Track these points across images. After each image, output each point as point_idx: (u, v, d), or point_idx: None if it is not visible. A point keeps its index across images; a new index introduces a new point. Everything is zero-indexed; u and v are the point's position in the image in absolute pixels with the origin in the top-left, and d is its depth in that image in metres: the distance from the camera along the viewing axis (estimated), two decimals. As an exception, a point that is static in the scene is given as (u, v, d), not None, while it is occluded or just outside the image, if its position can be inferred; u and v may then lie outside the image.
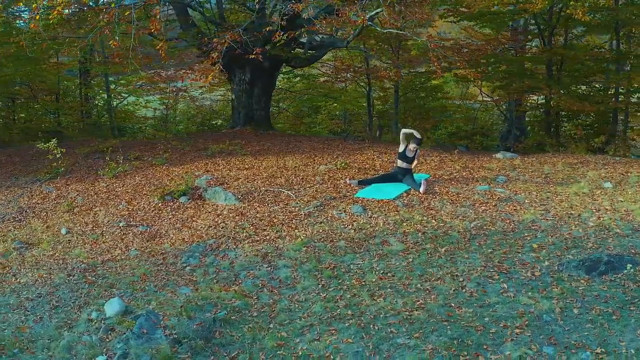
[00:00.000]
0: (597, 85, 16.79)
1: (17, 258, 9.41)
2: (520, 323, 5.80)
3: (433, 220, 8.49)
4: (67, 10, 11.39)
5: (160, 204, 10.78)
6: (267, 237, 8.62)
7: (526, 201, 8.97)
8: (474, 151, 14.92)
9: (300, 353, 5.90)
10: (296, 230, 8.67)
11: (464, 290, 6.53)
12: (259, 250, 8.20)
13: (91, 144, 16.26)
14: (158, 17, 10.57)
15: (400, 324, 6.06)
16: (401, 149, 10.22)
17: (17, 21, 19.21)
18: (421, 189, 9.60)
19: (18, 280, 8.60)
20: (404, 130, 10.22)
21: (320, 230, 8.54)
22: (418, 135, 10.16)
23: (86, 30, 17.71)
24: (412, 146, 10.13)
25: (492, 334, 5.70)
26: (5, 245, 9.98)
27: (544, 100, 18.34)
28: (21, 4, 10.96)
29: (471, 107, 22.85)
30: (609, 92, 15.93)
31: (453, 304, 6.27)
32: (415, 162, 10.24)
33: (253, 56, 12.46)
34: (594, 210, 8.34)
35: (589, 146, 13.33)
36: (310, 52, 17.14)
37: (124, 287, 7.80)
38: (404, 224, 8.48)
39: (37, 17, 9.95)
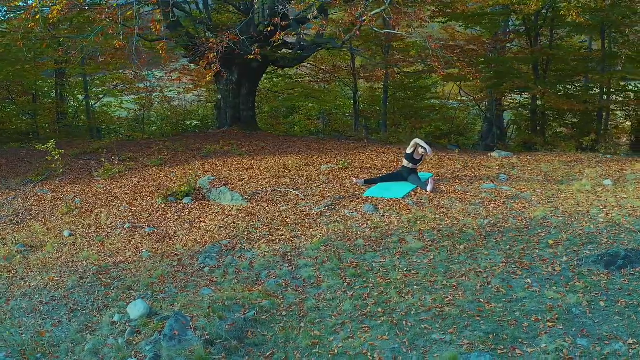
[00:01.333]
0: (578, 85, 17.22)
1: (22, 261, 9.25)
2: (551, 317, 5.96)
3: (446, 218, 8.63)
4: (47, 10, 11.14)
5: (163, 205, 10.70)
6: (283, 236, 8.64)
7: (533, 199, 9.18)
8: (465, 150, 15.15)
9: (336, 351, 5.95)
10: (311, 230, 8.72)
11: (490, 286, 6.67)
12: (277, 250, 8.22)
13: (79, 145, 16.04)
14: (159, 17, 10.45)
15: (433, 320, 6.17)
16: (409, 150, 10.33)
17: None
18: (428, 188, 9.73)
19: (28, 283, 8.46)
20: (417, 141, 10.29)
21: (336, 230, 8.60)
22: (430, 154, 10.30)
23: (66, 30, 17.48)
24: (421, 150, 10.24)
25: (526, 327, 5.84)
26: (6, 248, 9.79)
27: (528, 100, 18.78)
28: (17, 2, 10.73)
29: (450, 106, 23.19)
30: (589, 92, 16.35)
31: (482, 300, 6.40)
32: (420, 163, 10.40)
33: (252, 56, 12.47)
34: (601, 207, 8.59)
35: (578, 144, 13.67)
36: (299, 52, 17.19)
37: (143, 289, 7.74)
38: (418, 222, 8.60)
39: (37, 17, 9.76)
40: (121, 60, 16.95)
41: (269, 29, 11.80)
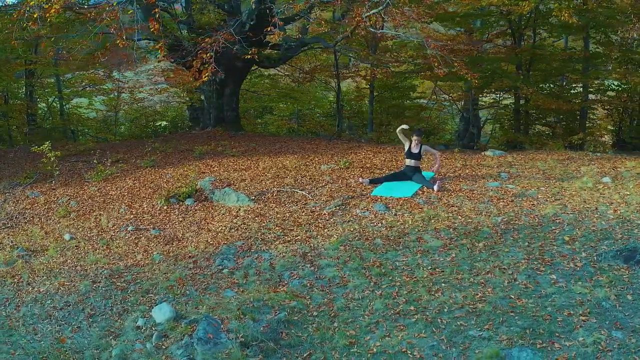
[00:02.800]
0: (558, 84, 17.63)
1: (25, 266, 9.00)
2: (583, 311, 6.10)
3: (459, 217, 8.73)
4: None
5: (165, 207, 10.55)
6: (298, 237, 8.61)
7: (539, 196, 9.37)
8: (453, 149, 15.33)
9: (375, 350, 5.98)
10: (326, 230, 8.72)
11: (517, 282, 6.78)
12: (295, 251, 8.19)
13: (61, 147, 15.61)
14: (157, 16, 10.29)
15: (467, 317, 6.25)
16: (406, 147, 10.46)
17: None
18: (435, 187, 9.83)
19: (37, 289, 8.24)
20: (399, 130, 10.52)
21: (352, 229, 8.62)
22: (405, 126, 10.64)
23: (44, 31, 16.99)
24: (414, 138, 10.39)
25: (560, 322, 5.97)
26: (4, 253, 9.52)
27: (508, 99, 19.15)
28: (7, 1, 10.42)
29: (427, 105, 23.41)
30: (572, 91, 16.79)
31: (512, 296, 6.51)
32: (437, 165, 10.57)
33: (249, 56, 12.40)
34: (608, 204, 8.81)
35: (567, 143, 13.99)
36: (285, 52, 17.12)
37: (163, 292, 7.62)
38: (432, 220, 8.69)
39: (35, 15, 9.50)
40: (101, 60, 16.58)
41: (269, 29, 11.73)
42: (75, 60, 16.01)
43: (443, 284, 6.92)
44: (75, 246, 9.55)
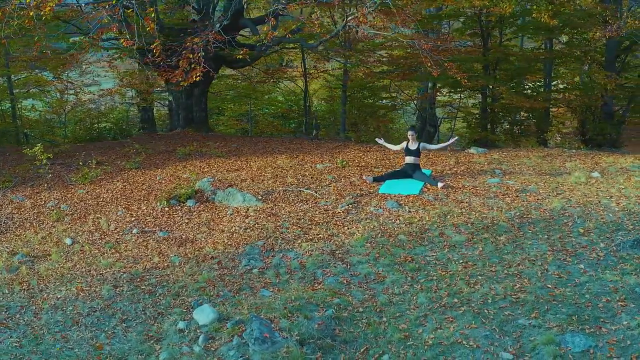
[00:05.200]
0: (520, 84, 18.42)
1: (30, 272, 8.67)
2: (619, 297, 6.47)
3: (473, 212, 9.02)
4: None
5: (167, 209, 10.36)
6: (319, 235, 8.67)
7: (541, 191, 9.80)
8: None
9: (430, 342, 6.14)
10: (346, 228, 8.82)
11: (549, 273, 7.11)
12: (322, 249, 8.25)
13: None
14: (153, 16, 10.10)
15: (513, 307, 6.50)
16: (404, 146, 10.78)
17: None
18: (439, 185, 10.10)
19: (54, 295, 7.96)
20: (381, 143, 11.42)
21: (372, 226, 8.76)
22: (381, 141, 11.41)
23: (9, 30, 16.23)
24: (409, 134, 10.77)
25: (601, 308, 6.31)
26: (3, 258, 9.10)
27: (468, 97, 19.83)
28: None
29: (396, 105, 23.85)
30: (539, 90, 17.58)
31: (549, 285, 6.81)
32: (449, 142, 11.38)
33: (240, 55, 12.32)
34: (609, 197, 9.32)
35: (540, 140, 14.63)
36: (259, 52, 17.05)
37: (195, 294, 7.52)
38: (447, 216, 8.94)
39: (31, 14, 9.14)
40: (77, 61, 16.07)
41: (265, 28, 11.71)
42: (51, 60, 15.38)
43: (479, 277, 7.17)
44: (80, 250, 9.25)
